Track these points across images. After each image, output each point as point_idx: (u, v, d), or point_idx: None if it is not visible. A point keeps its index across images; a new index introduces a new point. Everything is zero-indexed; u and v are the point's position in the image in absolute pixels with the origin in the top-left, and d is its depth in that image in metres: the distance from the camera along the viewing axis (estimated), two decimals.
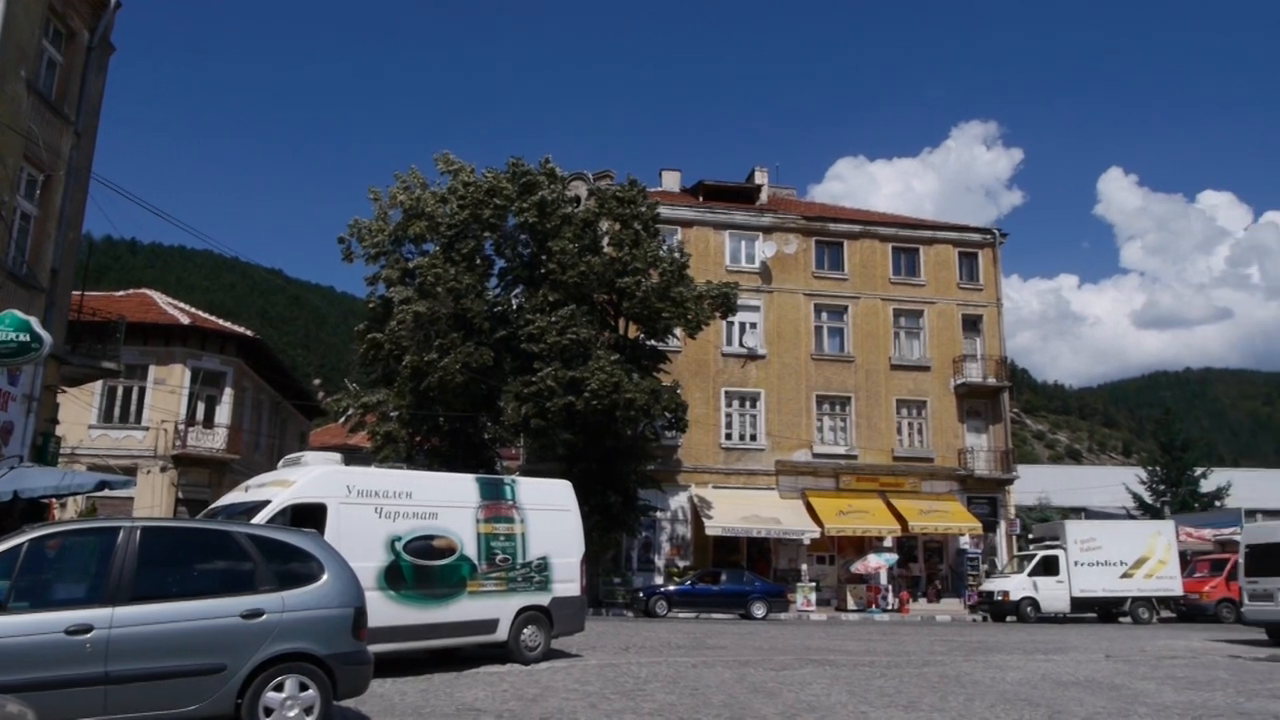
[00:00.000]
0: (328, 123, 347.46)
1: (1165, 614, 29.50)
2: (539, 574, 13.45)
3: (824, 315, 36.30)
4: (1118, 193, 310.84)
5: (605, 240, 29.86)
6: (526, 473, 26.68)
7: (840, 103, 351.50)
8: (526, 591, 13.24)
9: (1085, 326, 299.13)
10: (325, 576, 7.64)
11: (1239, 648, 18.64)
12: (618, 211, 29.39)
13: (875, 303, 36.52)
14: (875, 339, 36.14)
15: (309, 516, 10.80)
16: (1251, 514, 40.65)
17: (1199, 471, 51.25)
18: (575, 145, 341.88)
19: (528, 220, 28.63)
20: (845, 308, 36.31)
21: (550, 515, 13.91)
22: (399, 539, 11.82)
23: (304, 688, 7.19)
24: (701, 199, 37.78)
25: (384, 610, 10.99)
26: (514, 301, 30.82)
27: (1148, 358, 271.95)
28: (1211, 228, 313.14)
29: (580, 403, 26.10)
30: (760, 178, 39.64)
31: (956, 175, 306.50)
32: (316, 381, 54.66)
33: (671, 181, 40.25)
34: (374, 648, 8.51)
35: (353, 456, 17.89)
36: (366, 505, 11.72)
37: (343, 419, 34.84)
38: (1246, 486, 51.84)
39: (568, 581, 13.83)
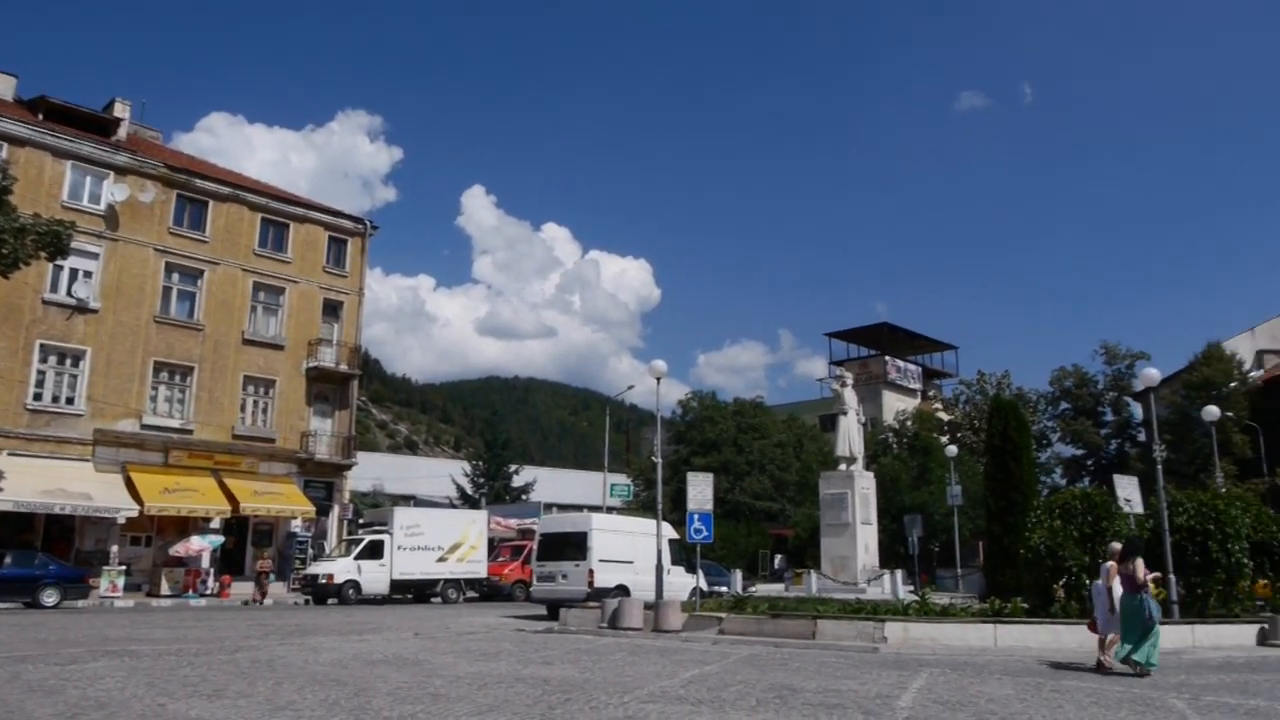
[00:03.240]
0: None
1: (471, 594, 32.63)
2: None
3: (176, 276, 33.41)
4: (478, 209, 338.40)
5: None
6: None
7: (223, 53, 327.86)
8: None
9: (436, 327, 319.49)
10: None
11: (525, 623, 21.29)
12: None
13: (235, 272, 34.67)
14: (230, 310, 34.28)
15: None
16: (549, 507, 47.15)
17: (513, 468, 58.07)
18: None
19: None
20: (201, 272, 33.84)
21: None
22: None
23: None
24: (42, 117, 32.28)
25: None
26: None
27: (485, 362, 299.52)
28: (549, 256, 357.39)
29: None
30: (121, 111, 35.21)
31: (336, 159, 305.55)
32: None
33: (4, 87, 33.76)
34: None
35: None
36: None
37: None
38: (549, 483, 60.14)
39: None
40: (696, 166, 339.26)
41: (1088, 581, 16.92)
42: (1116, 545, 13.88)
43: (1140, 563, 12.67)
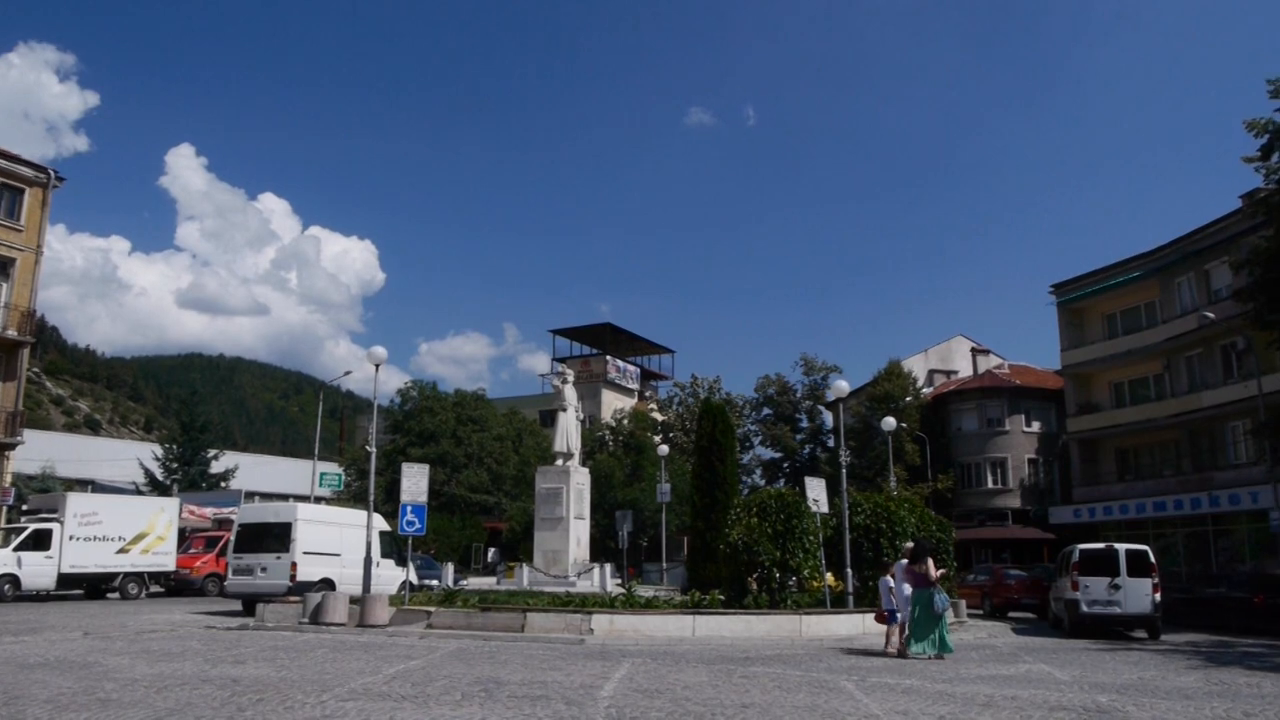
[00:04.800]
0: None
1: (156, 589, 29.96)
2: None
3: None
4: (186, 170, 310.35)
5: None
6: None
7: None
8: None
9: (130, 295, 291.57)
10: None
11: (217, 619, 19.87)
12: None
13: None
14: None
15: None
16: (251, 495, 44.35)
17: (212, 453, 53.99)
18: None
19: None
20: None
21: None
22: None
23: None
24: None
25: None
26: None
27: (186, 338, 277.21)
28: (266, 229, 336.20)
29: None
30: None
31: (15, 96, 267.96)
32: None
33: None
34: None
35: None
36: None
37: None
38: (252, 470, 56.50)
39: None
40: (428, 151, 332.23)
41: (778, 575, 18.31)
42: (909, 545, 15.55)
43: (931, 562, 14.38)
